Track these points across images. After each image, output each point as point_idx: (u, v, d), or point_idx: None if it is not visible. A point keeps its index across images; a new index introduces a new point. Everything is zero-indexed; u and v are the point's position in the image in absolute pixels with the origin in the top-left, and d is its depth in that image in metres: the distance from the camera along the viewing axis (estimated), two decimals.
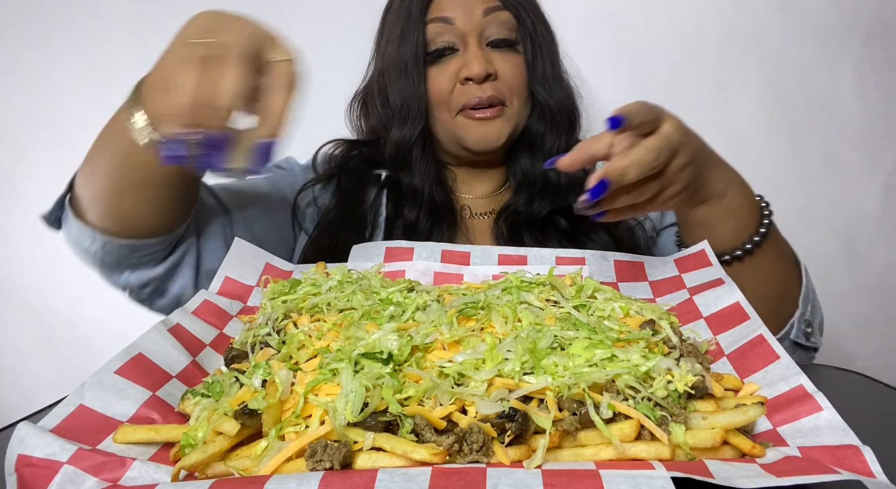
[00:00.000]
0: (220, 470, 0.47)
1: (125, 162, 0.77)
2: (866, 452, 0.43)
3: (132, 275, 0.90)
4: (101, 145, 0.81)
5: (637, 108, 0.72)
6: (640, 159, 0.70)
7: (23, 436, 0.44)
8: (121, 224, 0.84)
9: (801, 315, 0.89)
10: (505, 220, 1.12)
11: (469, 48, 1.05)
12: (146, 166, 0.77)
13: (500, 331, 0.59)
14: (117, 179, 0.79)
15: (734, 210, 0.84)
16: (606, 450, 0.46)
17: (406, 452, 0.45)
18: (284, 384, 0.51)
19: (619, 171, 0.69)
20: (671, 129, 0.73)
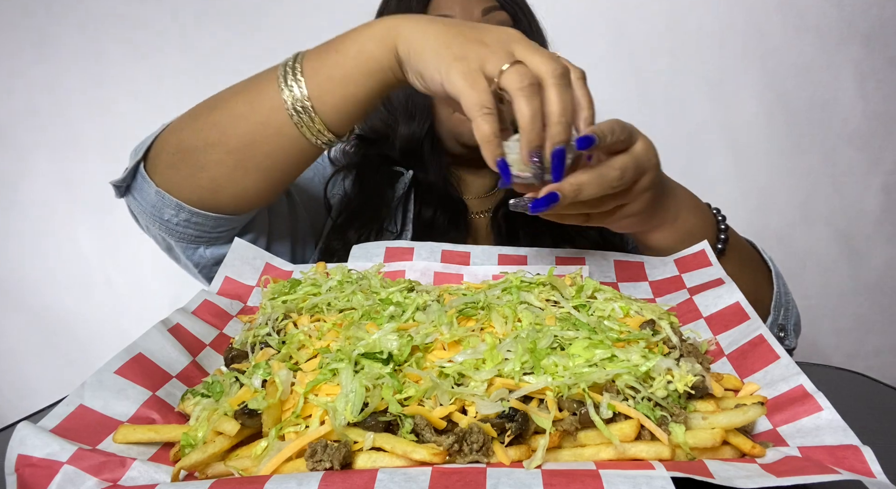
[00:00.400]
0: (220, 470, 0.47)
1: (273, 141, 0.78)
2: (866, 452, 0.43)
3: (207, 251, 0.90)
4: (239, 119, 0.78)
5: (610, 126, 0.68)
6: (601, 177, 0.68)
7: (23, 436, 0.44)
8: (221, 199, 0.83)
9: (773, 320, 0.88)
10: (503, 217, 1.13)
11: None
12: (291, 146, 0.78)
13: (500, 331, 0.59)
14: (246, 154, 0.79)
15: (689, 231, 0.84)
16: (606, 450, 0.46)
17: (406, 452, 0.45)
18: (284, 384, 0.51)
19: (574, 188, 0.66)
20: (642, 150, 0.72)
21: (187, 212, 0.84)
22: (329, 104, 0.76)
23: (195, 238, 0.88)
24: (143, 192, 0.84)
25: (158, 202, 0.84)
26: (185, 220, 0.85)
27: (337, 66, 0.74)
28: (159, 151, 0.83)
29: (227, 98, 0.81)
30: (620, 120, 0.72)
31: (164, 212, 0.84)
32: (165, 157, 0.83)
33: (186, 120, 0.83)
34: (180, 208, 0.83)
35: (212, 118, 0.80)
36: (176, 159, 0.82)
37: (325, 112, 0.76)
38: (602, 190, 0.68)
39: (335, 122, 0.77)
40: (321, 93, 0.75)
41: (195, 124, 0.81)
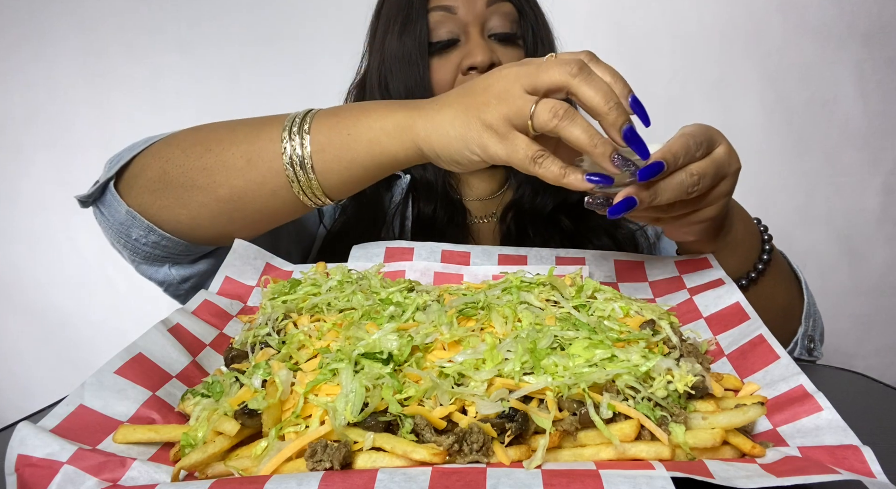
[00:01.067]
0: (220, 470, 0.47)
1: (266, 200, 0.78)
2: (866, 452, 0.43)
3: (173, 270, 0.88)
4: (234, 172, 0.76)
5: (684, 144, 0.66)
6: (679, 183, 0.66)
7: (23, 436, 0.44)
8: (198, 235, 0.82)
9: (804, 332, 0.88)
10: (513, 218, 1.11)
11: (471, 38, 1.04)
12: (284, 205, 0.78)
13: (500, 331, 0.59)
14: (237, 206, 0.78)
15: (739, 242, 0.82)
16: (606, 450, 0.46)
17: (406, 452, 0.45)
18: (284, 384, 0.51)
19: (651, 193, 0.65)
20: (723, 155, 0.70)
21: (158, 235, 0.82)
22: (332, 180, 0.76)
23: (161, 258, 0.86)
24: (112, 209, 0.82)
25: (128, 221, 0.81)
26: (153, 241, 0.83)
27: (347, 149, 0.74)
28: (138, 173, 0.81)
29: (223, 143, 0.78)
30: (701, 125, 0.70)
31: (133, 231, 0.82)
32: (145, 182, 0.80)
33: (175, 150, 0.80)
34: (151, 230, 0.81)
35: (204, 161, 0.78)
36: (157, 187, 0.79)
37: (328, 185, 0.76)
38: (678, 195, 0.67)
39: (334, 191, 0.78)
40: (325, 169, 0.75)
41: (184, 160, 0.78)
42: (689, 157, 0.66)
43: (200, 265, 0.89)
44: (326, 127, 0.74)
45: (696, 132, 0.68)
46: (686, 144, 0.66)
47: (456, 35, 1.05)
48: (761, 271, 0.83)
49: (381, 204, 1.10)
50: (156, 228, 0.81)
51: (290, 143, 0.74)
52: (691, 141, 0.67)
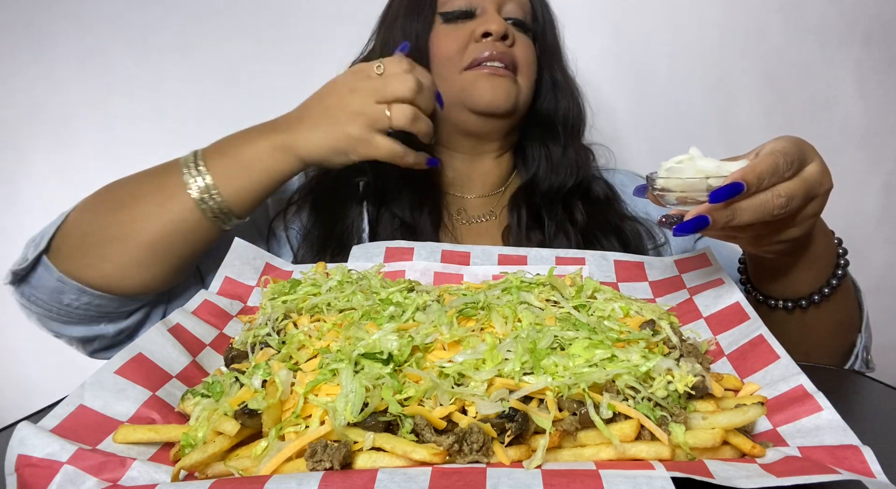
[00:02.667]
0: (220, 470, 0.47)
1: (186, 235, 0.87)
2: (866, 452, 0.43)
3: (109, 326, 0.93)
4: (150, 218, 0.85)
5: (773, 163, 0.61)
6: (763, 205, 0.61)
7: (23, 436, 0.44)
8: (126, 286, 0.87)
9: (863, 345, 0.86)
10: (525, 200, 1.09)
11: (488, 12, 1.05)
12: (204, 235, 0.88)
13: (500, 332, 0.59)
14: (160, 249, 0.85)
15: (817, 257, 0.78)
16: (606, 450, 0.46)
17: (406, 452, 0.45)
18: (284, 384, 0.51)
19: (728, 214, 0.61)
20: (814, 174, 0.65)
21: (90, 295, 0.87)
22: (240, 200, 0.87)
23: (96, 318, 0.91)
24: (42, 280, 0.87)
25: (59, 287, 0.86)
26: (86, 302, 0.88)
27: (244, 171, 0.86)
28: (62, 239, 0.87)
29: (130, 197, 0.87)
30: (793, 139, 0.66)
31: (65, 297, 0.87)
32: (69, 246, 0.86)
33: (88, 215, 0.88)
34: (83, 292, 0.86)
35: (117, 217, 0.85)
36: (81, 246, 0.86)
37: (235, 203, 0.87)
38: (761, 217, 0.62)
39: (239, 205, 0.88)
40: (226, 182, 0.85)
41: (99, 221, 0.86)
42: (777, 177, 0.62)
43: (132, 319, 0.94)
44: (218, 159, 0.87)
45: (788, 149, 0.64)
46: (775, 163, 0.62)
47: (473, 8, 1.06)
48: (835, 286, 0.79)
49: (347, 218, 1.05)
50: (87, 289, 0.86)
51: (193, 180, 0.85)
52: (782, 159, 0.62)
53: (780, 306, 0.81)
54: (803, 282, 0.79)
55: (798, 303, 0.80)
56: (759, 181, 0.61)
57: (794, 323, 0.81)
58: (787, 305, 0.81)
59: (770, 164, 0.61)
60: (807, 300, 0.80)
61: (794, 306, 0.81)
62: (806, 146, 0.67)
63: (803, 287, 0.79)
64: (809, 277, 0.79)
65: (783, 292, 0.81)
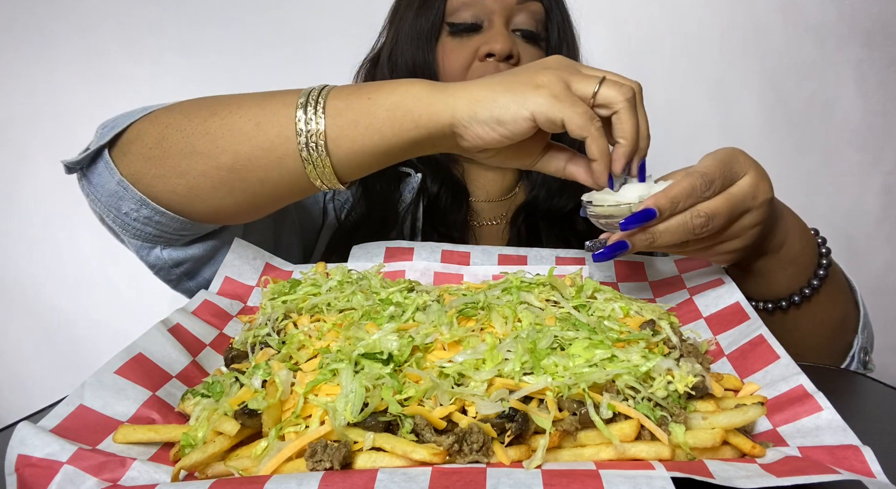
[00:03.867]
0: (220, 470, 0.47)
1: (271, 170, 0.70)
2: (866, 452, 0.43)
3: (164, 252, 0.82)
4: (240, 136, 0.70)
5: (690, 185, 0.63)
6: (682, 225, 0.63)
7: (23, 436, 0.44)
8: (195, 209, 0.75)
9: (860, 346, 0.85)
10: (524, 220, 1.08)
11: (494, 26, 1.02)
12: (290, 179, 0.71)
13: (500, 332, 0.59)
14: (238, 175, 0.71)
15: (793, 258, 0.77)
16: (606, 450, 0.46)
17: (406, 452, 0.45)
18: (284, 384, 0.51)
19: (647, 238, 0.64)
20: (744, 189, 0.66)
21: (150, 209, 0.75)
22: (344, 149, 0.68)
23: (153, 237, 0.79)
24: (102, 178, 0.75)
25: (119, 192, 0.74)
26: (145, 216, 0.76)
27: (366, 113, 0.67)
28: (134, 139, 0.74)
29: (231, 108, 0.72)
30: (724, 154, 0.67)
31: (123, 204, 0.75)
32: (141, 148, 0.73)
33: (177, 115, 0.74)
34: (143, 204, 0.74)
35: (208, 125, 0.71)
36: (154, 154, 0.72)
37: (339, 156, 0.69)
38: (683, 237, 0.64)
39: (346, 168, 0.71)
40: (340, 135, 0.68)
41: (187, 125, 0.72)
42: (695, 198, 0.63)
43: (194, 249, 0.83)
44: (346, 92, 0.69)
45: (710, 168, 0.65)
46: (691, 185, 0.63)
47: (480, 20, 1.03)
48: (816, 287, 0.78)
49: (393, 203, 1.08)
50: (149, 201, 0.74)
51: (303, 108, 0.68)
52: (699, 181, 0.63)
53: (760, 308, 0.81)
54: (779, 283, 0.79)
55: (778, 304, 0.80)
56: (673, 205, 0.63)
57: (777, 324, 0.79)
58: (768, 306, 0.81)
59: (686, 187, 0.63)
60: (786, 301, 0.79)
61: (774, 308, 0.80)
62: (737, 160, 0.67)
63: (780, 288, 0.79)
64: (786, 279, 0.79)
65: (760, 294, 0.81)
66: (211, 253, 0.86)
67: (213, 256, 0.86)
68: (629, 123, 0.65)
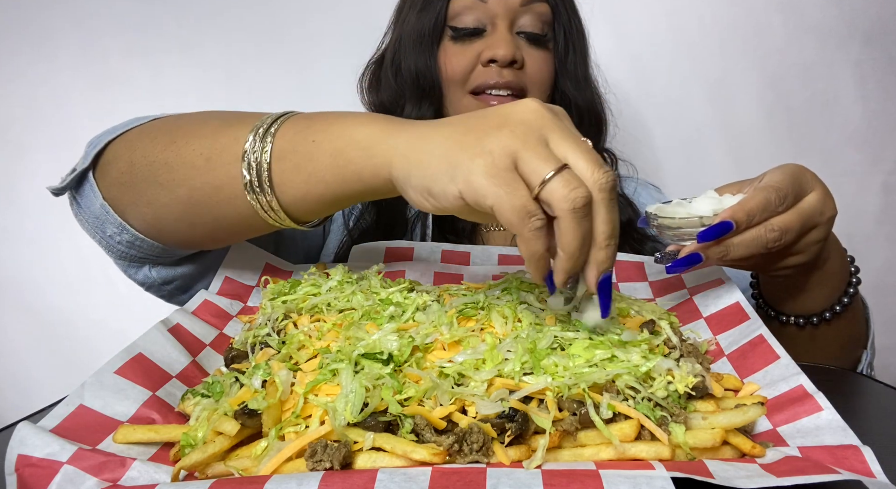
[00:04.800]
0: (220, 470, 0.47)
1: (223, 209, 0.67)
2: (866, 452, 0.43)
3: (153, 271, 0.82)
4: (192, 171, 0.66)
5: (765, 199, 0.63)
6: (756, 239, 0.64)
7: (23, 436, 0.44)
8: (165, 238, 0.75)
9: (868, 360, 0.86)
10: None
11: (497, 30, 1.01)
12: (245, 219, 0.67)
13: (500, 332, 0.59)
14: (195, 211, 0.69)
15: (830, 276, 0.78)
16: (606, 450, 0.46)
17: (406, 452, 0.45)
18: (284, 384, 0.51)
19: (721, 251, 0.64)
20: (813, 205, 0.66)
21: (130, 234, 0.74)
22: (290, 194, 0.64)
23: (139, 258, 0.79)
24: (88, 200, 0.74)
25: (102, 215, 0.74)
26: (127, 241, 0.76)
27: (308, 158, 0.62)
28: (111, 160, 0.73)
29: (187, 138, 0.68)
30: (791, 170, 0.67)
31: (107, 227, 0.75)
32: (115, 173, 0.72)
33: (144, 139, 0.71)
34: (124, 229, 0.74)
35: (167, 155, 0.68)
36: (125, 180, 0.71)
37: (286, 201, 0.64)
38: (755, 251, 0.65)
39: (297, 212, 0.66)
40: (283, 181, 0.63)
41: (151, 151, 0.69)
42: (769, 212, 0.64)
43: (183, 268, 0.83)
44: (293, 132, 0.63)
45: (782, 183, 0.65)
46: (766, 199, 0.63)
47: (483, 24, 1.02)
48: (846, 304, 0.79)
49: (401, 210, 1.06)
50: (127, 227, 0.73)
51: (252, 146, 0.63)
52: (773, 195, 0.64)
53: (792, 322, 0.81)
54: (816, 299, 0.79)
55: (809, 319, 0.80)
56: (749, 218, 0.63)
57: (804, 338, 0.81)
58: (799, 321, 0.81)
59: (761, 201, 0.63)
60: (818, 317, 0.80)
61: (805, 322, 0.80)
62: (805, 176, 0.68)
63: (815, 304, 0.79)
64: (822, 295, 0.79)
65: (795, 308, 0.81)
66: (201, 269, 0.85)
67: (205, 272, 0.85)
68: (569, 235, 0.50)
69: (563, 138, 0.52)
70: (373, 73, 1.15)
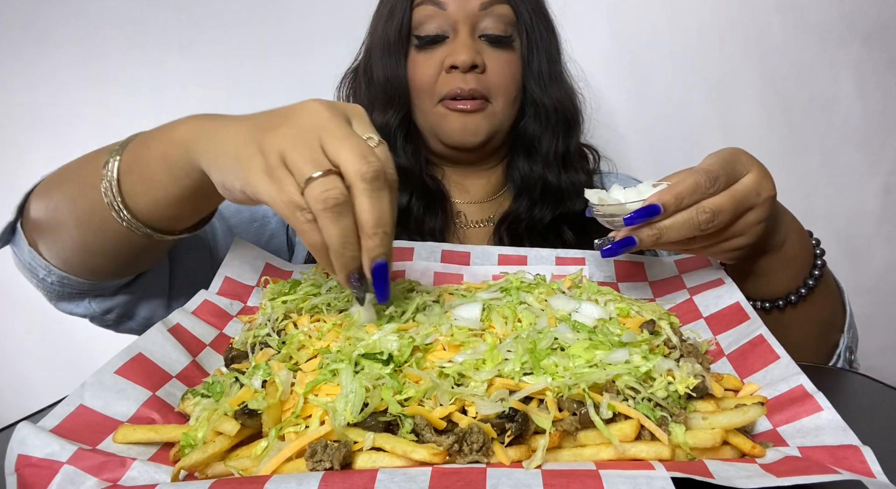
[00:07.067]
0: (220, 470, 0.47)
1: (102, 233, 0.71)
2: (866, 452, 0.43)
3: (93, 303, 0.86)
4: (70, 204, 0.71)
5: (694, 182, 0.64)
6: (687, 221, 0.65)
7: (23, 436, 0.44)
8: (80, 273, 0.79)
9: (846, 345, 0.86)
10: (507, 229, 1.08)
11: (459, 36, 1.02)
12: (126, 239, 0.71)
13: (500, 332, 0.59)
14: (85, 239, 0.73)
15: (793, 257, 0.79)
16: (606, 450, 0.46)
17: (406, 452, 0.45)
18: (284, 384, 0.51)
19: (654, 234, 0.65)
20: (748, 186, 0.67)
21: (56, 275, 0.79)
22: (141, 205, 0.68)
23: (76, 295, 0.83)
24: (20, 248, 0.80)
25: (31, 261, 0.79)
26: (58, 280, 0.80)
27: (144, 165, 0.66)
28: (28, 211, 0.78)
29: (61, 181, 0.75)
30: (727, 153, 0.68)
31: (38, 271, 0.79)
32: (31, 222, 0.78)
33: (44, 188, 0.77)
34: (50, 270, 0.79)
35: (55, 199, 0.74)
36: (39, 226, 0.77)
37: (141, 212, 0.68)
38: (689, 232, 0.65)
39: (158, 222, 0.70)
40: (131, 191, 0.67)
41: (48, 200, 0.75)
42: (699, 195, 0.65)
43: (119, 298, 0.87)
44: (137, 144, 0.68)
45: (713, 166, 0.66)
46: (696, 182, 0.64)
47: (444, 32, 1.03)
48: (812, 286, 0.80)
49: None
50: (53, 268, 0.78)
51: (106, 166, 0.67)
52: (703, 178, 0.65)
53: (758, 307, 0.82)
54: (779, 282, 0.80)
55: (775, 303, 0.81)
56: (678, 201, 0.64)
57: (773, 323, 0.79)
58: (765, 306, 0.81)
59: (690, 184, 0.64)
60: (784, 300, 0.80)
61: (771, 307, 0.81)
62: (740, 158, 0.69)
63: (779, 287, 0.80)
64: (785, 278, 0.80)
65: (759, 293, 0.81)
66: (139, 295, 0.88)
67: (144, 297, 0.88)
68: (328, 231, 0.55)
69: (336, 137, 0.55)
70: (350, 82, 1.17)
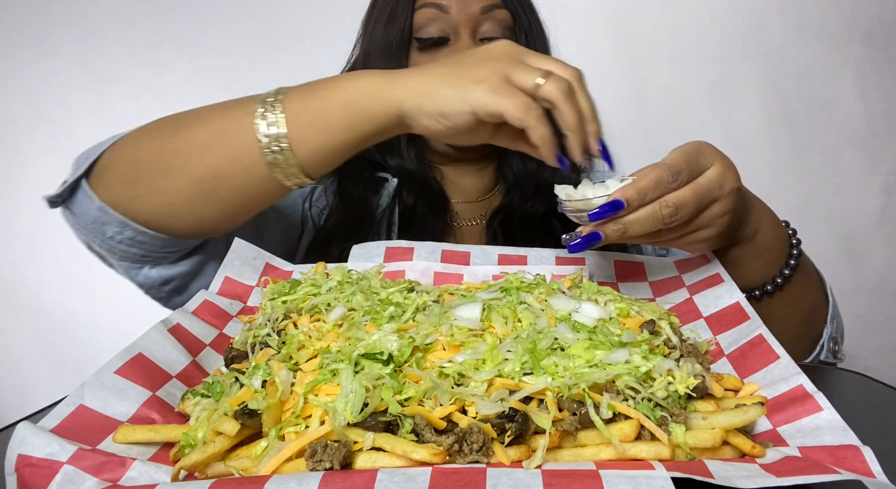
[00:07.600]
0: (220, 470, 0.47)
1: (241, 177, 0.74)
2: (866, 452, 0.43)
3: (153, 271, 0.85)
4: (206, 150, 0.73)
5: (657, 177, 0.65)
6: (652, 215, 0.66)
7: (23, 435, 0.44)
8: (175, 225, 0.78)
9: (829, 335, 0.86)
10: (500, 223, 1.09)
11: (461, 40, 1.04)
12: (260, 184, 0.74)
13: (500, 332, 0.59)
14: (213, 185, 0.74)
15: (765, 248, 0.80)
16: (606, 450, 0.46)
17: (406, 452, 0.45)
18: (284, 384, 0.51)
19: (618, 229, 0.66)
20: (711, 179, 0.68)
21: (133, 230, 0.78)
22: (307, 149, 0.72)
23: (139, 257, 0.83)
24: (83, 207, 0.78)
25: (101, 217, 0.77)
26: (129, 237, 0.79)
27: (321, 111, 0.71)
28: (108, 164, 0.77)
29: (194, 123, 0.76)
30: (690, 147, 0.69)
31: (107, 228, 0.78)
32: (116, 173, 0.77)
33: (145, 137, 0.78)
34: (125, 226, 0.77)
35: (175, 142, 0.75)
36: (129, 176, 0.76)
37: (303, 155, 0.72)
38: (653, 227, 0.66)
39: (312, 166, 0.74)
40: (300, 137, 0.71)
41: (156, 144, 0.76)
42: (662, 189, 0.66)
43: (182, 265, 0.87)
44: (300, 94, 0.72)
45: (676, 160, 0.67)
46: (658, 177, 0.65)
47: (447, 34, 1.04)
48: (788, 277, 0.80)
49: (369, 206, 1.09)
50: (130, 222, 0.77)
51: (263, 113, 0.71)
52: (666, 172, 0.66)
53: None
54: (754, 272, 0.81)
55: (752, 293, 0.82)
56: (641, 196, 0.65)
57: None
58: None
59: (653, 179, 0.65)
60: (759, 291, 0.81)
61: (748, 297, 0.80)
62: (703, 152, 0.69)
63: (754, 277, 0.81)
64: (759, 268, 0.81)
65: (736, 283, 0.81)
66: (198, 267, 0.89)
67: (201, 271, 0.89)
68: (569, 117, 0.67)
69: (535, 57, 0.69)
70: None
